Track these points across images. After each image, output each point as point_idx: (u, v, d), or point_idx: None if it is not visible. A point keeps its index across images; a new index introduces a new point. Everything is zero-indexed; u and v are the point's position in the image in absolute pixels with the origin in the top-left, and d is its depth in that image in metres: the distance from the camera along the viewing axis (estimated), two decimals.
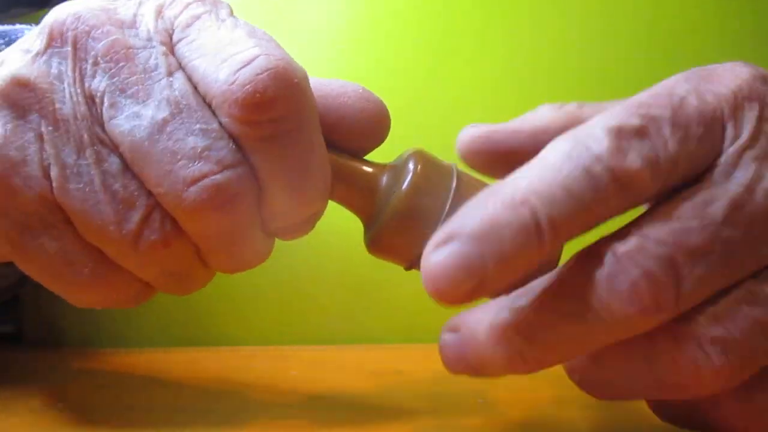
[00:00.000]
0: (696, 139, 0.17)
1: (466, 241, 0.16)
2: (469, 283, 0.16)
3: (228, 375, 0.35)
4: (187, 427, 0.26)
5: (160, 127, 0.19)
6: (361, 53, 0.45)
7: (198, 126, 0.20)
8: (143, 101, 0.20)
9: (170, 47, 0.21)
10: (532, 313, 0.17)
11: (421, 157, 0.23)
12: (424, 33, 0.41)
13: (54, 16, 0.21)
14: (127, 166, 0.20)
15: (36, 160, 0.20)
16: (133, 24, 0.21)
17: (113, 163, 0.20)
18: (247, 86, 0.19)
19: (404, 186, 0.22)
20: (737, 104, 0.18)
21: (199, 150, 0.19)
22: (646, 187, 0.17)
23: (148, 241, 0.20)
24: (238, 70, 0.19)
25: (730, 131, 0.18)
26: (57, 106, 0.20)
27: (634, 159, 0.16)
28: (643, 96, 0.18)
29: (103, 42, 0.20)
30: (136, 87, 0.20)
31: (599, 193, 0.16)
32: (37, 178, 0.20)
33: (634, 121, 0.17)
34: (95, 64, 0.20)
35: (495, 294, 0.19)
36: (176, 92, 0.20)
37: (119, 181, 0.20)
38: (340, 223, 0.45)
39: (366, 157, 0.24)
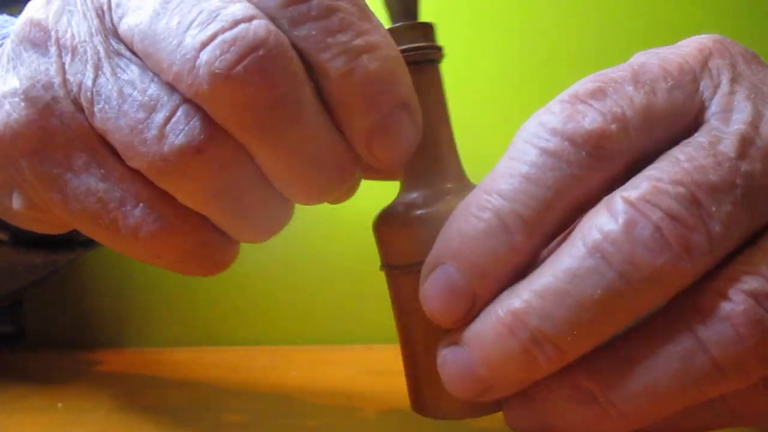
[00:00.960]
0: (665, 91, 0.16)
1: (448, 266, 0.16)
2: (464, 304, 0.16)
3: (228, 375, 0.35)
4: (187, 426, 0.26)
5: (163, 4, 0.17)
6: None
7: None
8: None
9: None
10: (547, 292, 0.15)
11: None
12: None
13: None
14: (145, 68, 0.18)
15: (63, 95, 0.19)
16: None
17: (132, 71, 0.18)
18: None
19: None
20: (705, 58, 0.17)
21: (206, 13, 0.16)
22: (619, 147, 0.15)
23: (175, 145, 0.17)
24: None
25: (706, 82, 0.17)
26: (72, 32, 0.19)
27: (593, 118, 0.15)
28: (602, 70, 0.17)
29: None
30: None
31: (564, 170, 0.15)
32: (71, 113, 0.19)
33: (590, 85, 0.16)
34: None
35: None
36: None
37: (137, 86, 0.18)
38: (340, 223, 0.45)
39: None
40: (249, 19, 0.16)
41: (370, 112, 0.17)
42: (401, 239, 0.20)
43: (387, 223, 0.21)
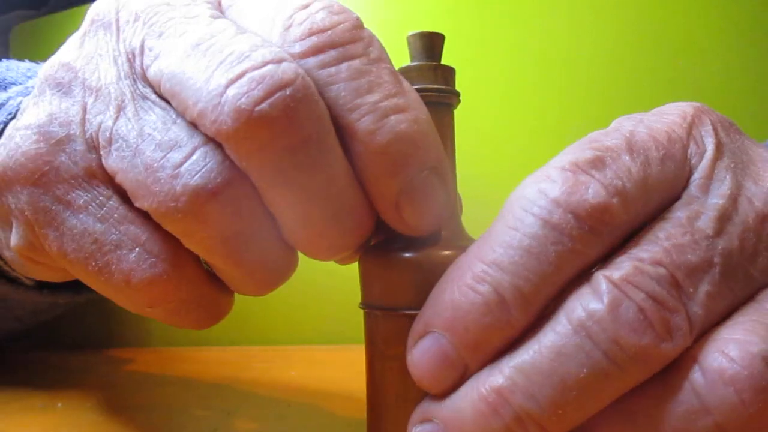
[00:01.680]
0: (658, 161, 0.16)
1: (439, 335, 0.16)
2: (453, 374, 0.16)
3: (228, 375, 0.35)
4: (187, 426, 0.26)
5: (195, 45, 0.17)
6: None
7: (237, 37, 0.17)
8: (180, 34, 0.18)
9: (218, 7, 0.19)
10: (532, 370, 0.15)
11: None
12: None
13: (96, 4, 0.21)
14: (169, 110, 0.18)
15: (79, 134, 0.19)
16: None
17: (155, 113, 0.18)
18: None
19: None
20: (689, 124, 0.17)
21: (237, 54, 0.16)
22: (620, 221, 0.15)
23: (189, 186, 0.16)
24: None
25: (693, 149, 0.17)
26: (100, 74, 0.19)
27: (597, 191, 0.15)
28: (591, 135, 0.17)
29: (144, 3, 0.19)
30: (174, 27, 0.18)
31: (566, 244, 0.15)
32: (82, 152, 0.19)
33: (588, 154, 0.16)
34: (135, 20, 0.19)
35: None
36: (214, 23, 0.18)
37: (158, 127, 0.17)
38: None
39: None
40: (278, 60, 0.16)
41: (399, 173, 0.17)
42: (386, 280, 0.19)
43: (374, 260, 0.20)
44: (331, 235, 0.17)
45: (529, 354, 0.15)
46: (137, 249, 0.18)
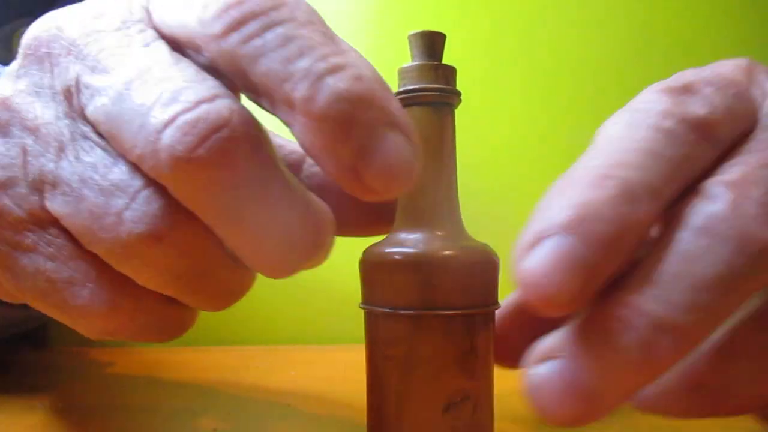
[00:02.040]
0: (732, 97, 0.17)
1: (563, 234, 0.14)
2: (580, 279, 0.14)
3: (228, 375, 0.35)
4: (187, 426, 0.26)
5: (128, 84, 0.17)
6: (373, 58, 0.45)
7: (170, 71, 0.17)
8: (112, 69, 0.17)
9: (148, 16, 0.19)
10: (662, 277, 0.14)
11: None
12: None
13: (29, 32, 0.20)
14: (110, 150, 0.18)
15: (21, 176, 0.18)
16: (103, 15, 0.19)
17: (96, 154, 0.18)
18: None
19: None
20: (748, 72, 0.18)
21: (170, 92, 0.16)
22: (725, 133, 0.16)
23: (134, 233, 0.17)
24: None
25: (755, 91, 0.17)
26: (37, 113, 0.19)
27: (698, 107, 0.16)
28: (666, 79, 0.18)
29: (76, 31, 0.18)
30: (106, 61, 0.17)
31: (683, 147, 0.15)
32: (25, 195, 0.18)
33: (678, 82, 0.17)
34: (68, 53, 0.18)
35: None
36: (147, 53, 0.17)
37: (99, 170, 0.17)
38: None
39: None
40: (211, 98, 0.16)
41: (349, 137, 0.15)
42: (386, 280, 0.19)
43: (374, 261, 0.20)
44: (289, 260, 0.17)
45: (656, 262, 0.14)
46: (90, 285, 0.18)
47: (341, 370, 0.35)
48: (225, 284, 0.19)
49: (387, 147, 0.15)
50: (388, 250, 0.20)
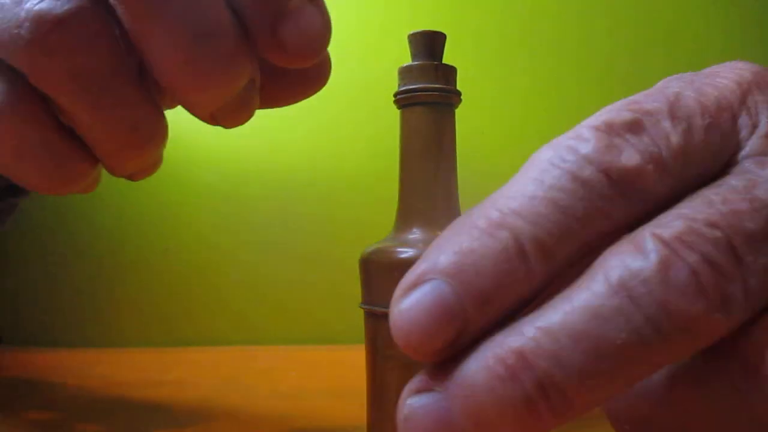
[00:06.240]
0: (702, 130, 0.15)
1: (440, 282, 0.13)
2: (449, 330, 0.13)
3: (228, 375, 0.35)
4: (187, 426, 0.26)
5: None
6: (374, 58, 0.45)
7: None
8: None
9: None
10: (560, 331, 0.13)
11: None
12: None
13: None
14: None
15: None
16: None
17: None
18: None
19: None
20: (743, 93, 0.16)
21: None
22: (653, 188, 0.14)
23: (34, 11, 0.16)
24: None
25: (744, 120, 0.15)
26: None
27: (630, 155, 0.14)
28: (633, 96, 0.16)
29: None
30: None
31: (594, 202, 0.14)
32: None
33: (626, 115, 0.15)
34: None
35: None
36: None
37: None
38: (341, 224, 0.45)
39: None
40: None
41: (271, 2, 0.17)
42: (387, 280, 0.19)
43: (374, 260, 0.20)
44: (204, 61, 0.17)
45: (558, 314, 0.13)
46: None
47: (341, 370, 0.35)
48: (128, 110, 0.18)
49: (302, 13, 0.18)
50: (388, 250, 0.20)
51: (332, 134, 0.47)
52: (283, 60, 0.18)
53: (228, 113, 0.19)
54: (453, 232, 0.14)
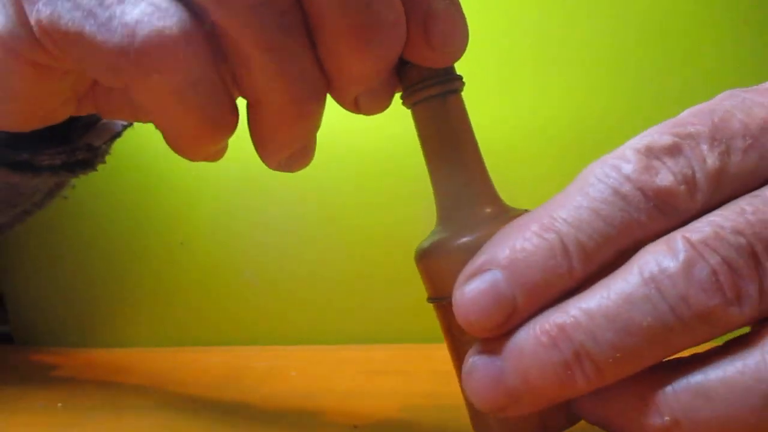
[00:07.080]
0: (741, 152, 0.16)
1: (496, 272, 0.16)
2: (500, 314, 0.16)
3: (228, 375, 0.35)
4: (187, 426, 0.26)
5: None
6: None
7: None
8: None
9: None
10: (597, 312, 0.16)
11: None
12: None
13: None
14: None
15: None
16: None
17: None
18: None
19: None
20: None
21: None
22: (683, 205, 0.16)
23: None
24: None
25: None
26: None
27: (665, 177, 0.16)
28: (682, 114, 0.17)
29: None
30: None
31: (631, 213, 0.16)
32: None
33: (666, 140, 0.17)
34: None
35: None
36: None
37: None
38: (341, 224, 0.45)
39: None
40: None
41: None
42: (447, 270, 0.20)
43: (430, 255, 0.20)
44: (371, 24, 0.18)
45: (596, 298, 0.16)
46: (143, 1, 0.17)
47: (341, 370, 0.35)
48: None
49: (449, 13, 0.19)
50: (442, 240, 0.20)
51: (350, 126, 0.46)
52: (428, 58, 0.20)
53: (372, 98, 0.21)
54: (510, 232, 0.17)
